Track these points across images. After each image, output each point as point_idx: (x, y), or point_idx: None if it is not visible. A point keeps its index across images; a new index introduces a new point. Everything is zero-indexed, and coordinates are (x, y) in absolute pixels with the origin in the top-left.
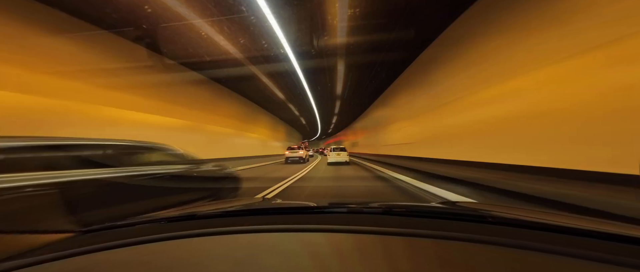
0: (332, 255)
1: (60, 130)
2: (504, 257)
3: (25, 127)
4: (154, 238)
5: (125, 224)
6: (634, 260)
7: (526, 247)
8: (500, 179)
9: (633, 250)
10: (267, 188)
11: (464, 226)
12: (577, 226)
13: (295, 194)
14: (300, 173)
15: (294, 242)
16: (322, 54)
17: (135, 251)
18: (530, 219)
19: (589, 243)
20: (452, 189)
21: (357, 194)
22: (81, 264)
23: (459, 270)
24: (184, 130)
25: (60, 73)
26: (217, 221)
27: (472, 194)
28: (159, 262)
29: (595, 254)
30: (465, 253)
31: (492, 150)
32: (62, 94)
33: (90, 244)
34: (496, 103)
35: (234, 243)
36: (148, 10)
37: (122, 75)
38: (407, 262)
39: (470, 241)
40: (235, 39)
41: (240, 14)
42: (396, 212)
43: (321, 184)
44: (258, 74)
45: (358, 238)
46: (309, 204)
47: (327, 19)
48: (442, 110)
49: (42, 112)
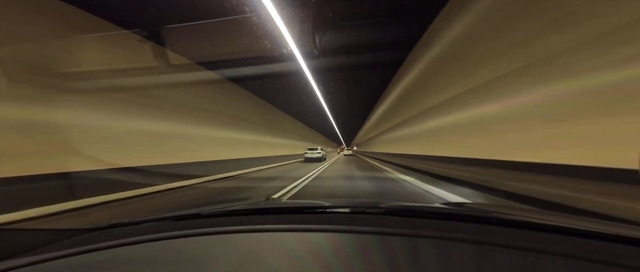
0: (335, 255)
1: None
2: (507, 259)
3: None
4: (159, 237)
5: (131, 222)
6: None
7: (531, 249)
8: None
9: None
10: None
11: (467, 227)
12: (584, 228)
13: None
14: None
15: (296, 242)
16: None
17: (140, 249)
18: (535, 220)
19: (598, 246)
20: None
21: (360, 194)
22: (88, 262)
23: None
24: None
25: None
26: (220, 220)
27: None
28: (164, 260)
29: (602, 256)
30: (468, 254)
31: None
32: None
33: (97, 242)
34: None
35: (237, 242)
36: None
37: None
38: (409, 263)
39: (474, 242)
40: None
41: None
42: (399, 213)
43: (331, 175)
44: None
45: (360, 238)
46: (311, 204)
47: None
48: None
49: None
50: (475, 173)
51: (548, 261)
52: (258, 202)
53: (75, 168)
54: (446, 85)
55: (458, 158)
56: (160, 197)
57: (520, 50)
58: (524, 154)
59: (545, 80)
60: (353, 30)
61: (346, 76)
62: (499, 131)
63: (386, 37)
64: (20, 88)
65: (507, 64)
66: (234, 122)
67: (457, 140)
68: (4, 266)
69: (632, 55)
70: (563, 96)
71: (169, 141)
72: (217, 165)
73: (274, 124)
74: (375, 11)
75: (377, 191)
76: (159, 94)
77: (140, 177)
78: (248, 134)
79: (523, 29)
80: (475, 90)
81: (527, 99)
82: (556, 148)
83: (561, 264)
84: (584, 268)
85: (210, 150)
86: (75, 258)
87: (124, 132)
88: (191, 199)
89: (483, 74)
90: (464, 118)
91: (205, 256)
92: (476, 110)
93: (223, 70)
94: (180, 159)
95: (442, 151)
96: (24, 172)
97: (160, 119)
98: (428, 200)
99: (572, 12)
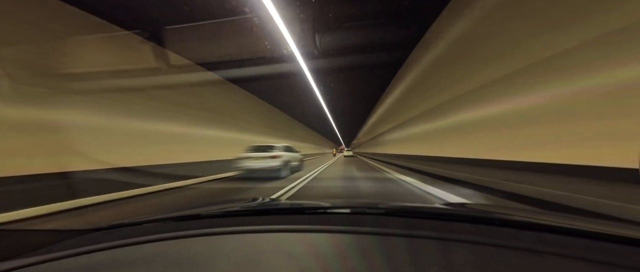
0: (335, 256)
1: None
2: (507, 259)
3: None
4: (160, 237)
5: (132, 223)
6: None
7: (531, 249)
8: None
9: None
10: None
11: (467, 228)
12: (584, 228)
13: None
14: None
15: (296, 243)
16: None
17: (141, 249)
18: (535, 220)
19: (598, 246)
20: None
21: (361, 195)
22: (88, 263)
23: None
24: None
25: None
26: (221, 221)
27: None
28: (164, 260)
29: (603, 256)
30: (469, 255)
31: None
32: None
33: (98, 242)
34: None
35: (238, 243)
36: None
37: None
38: (409, 264)
39: (474, 242)
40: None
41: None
42: (399, 214)
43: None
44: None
45: (361, 239)
46: (311, 205)
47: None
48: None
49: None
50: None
51: (548, 261)
52: (258, 202)
53: (75, 168)
54: (447, 86)
55: (468, 159)
56: (163, 196)
57: (521, 50)
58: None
59: (545, 80)
60: (354, 31)
61: (347, 77)
62: (513, 128)
63: (387, 38)
64: (21, 89)
65: (508, 64)
66: (233, 123)
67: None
68: (4, 266)
69: (632, 55)
70: (563, 96)
71: (168, 142)
72: (216, 165)
73: (274, 124)
74: (376, 12)
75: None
76: (158, 94)
77: (140, 177)
78: (248, 135)
79: (524, 29)
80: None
81: (532, 99)
82: (556, 148)
83: (561, 264)
84: (584, 268)
85: (210, 150)
86: (75, 259)
87: (124, 132)
88: (191, 200)
89: (486, 75)
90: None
91: (205, 257)
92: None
93: (223, 71)
94: (179, 160)
95: (444, 151)
96: (25, 173)
97: (161, 119)
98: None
99: (571, 13)
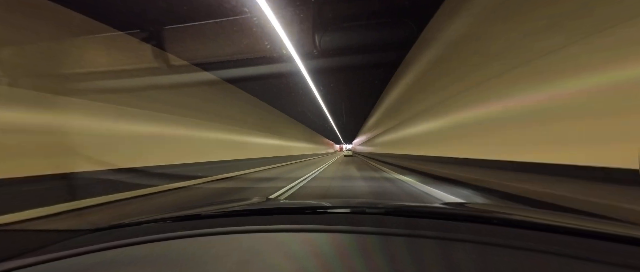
0: (336, 255)
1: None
2: (507, 259)
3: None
4: (160, 237)
5: (132, 223)
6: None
7: (531, 249)
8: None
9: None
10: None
11: (467, 227)
12: (584, 228)
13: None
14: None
15: (297, 243)
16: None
17: (141, 249)
18: (535, 220)
19: (598, 246)
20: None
21: (361, 194)
22: (88, 263)
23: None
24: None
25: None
26: (221, 221)
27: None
28: (164, 260)
29: (602, 256)
30: (470, 255)
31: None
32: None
33: (98, 243)
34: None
35: (238, 243)
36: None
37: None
38: (410, 263)
39: (474, 242)
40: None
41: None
42: (400, 213)
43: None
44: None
45: (361, 239)
46: (312, 204)
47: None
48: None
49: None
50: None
51: (548, 260)
52: (258, 202)
53: (74, 169)
54: (447, 84)
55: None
56: (165, 196)
57: (519, 50)
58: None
59: (544, 80)
60: (353, 31)
61: (346, 76)
62: (505, 129)
63: (387, 38)
64: (22, 90)
65: (505, 63)
66: (232, 123)
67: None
68: (4, 267)
69: (632, 55)
70: (562, 96)
71: (167, 141)
72: (216, 166)
73: (274, 124)
74: (375, 11)
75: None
76: (157, 95)
77: (140, 178)
78: (247, 136)
79: (520, 28)
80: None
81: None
82: (556, 147)
83: (561, 264)
84: (584, 268)
85: (209, 150)
86: (75, 259)
87: (125, 132)
88: (192, 200)
89: (484, 73)
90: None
91: (205, 257)
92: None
93: (221, 72)
94: (178, 160)
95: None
96: (25, 173)
97: (160, 119)
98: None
99: (569, 12)
